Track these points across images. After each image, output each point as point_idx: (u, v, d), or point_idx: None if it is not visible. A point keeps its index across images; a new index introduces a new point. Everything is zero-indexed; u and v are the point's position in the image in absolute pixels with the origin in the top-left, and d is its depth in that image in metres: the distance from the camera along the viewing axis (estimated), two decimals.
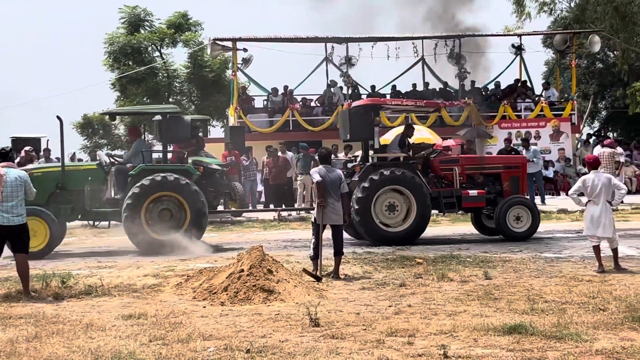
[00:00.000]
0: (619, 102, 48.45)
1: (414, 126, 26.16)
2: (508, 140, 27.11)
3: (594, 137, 35.76)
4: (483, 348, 7.51)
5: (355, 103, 19.03)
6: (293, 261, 13.66)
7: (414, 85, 33.04)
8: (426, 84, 33.22)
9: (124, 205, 15.88)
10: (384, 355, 7.28)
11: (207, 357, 7.39)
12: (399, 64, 33.00)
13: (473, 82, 32.93)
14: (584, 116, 43.19)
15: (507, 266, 12.90)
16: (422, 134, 26.31)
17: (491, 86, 33.46)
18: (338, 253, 12.30)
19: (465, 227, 19.90)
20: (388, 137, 26.82)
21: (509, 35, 35.14)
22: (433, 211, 17.59)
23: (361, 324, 8.66)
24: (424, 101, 21.03)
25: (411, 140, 18.45)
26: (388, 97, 32.48)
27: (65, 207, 16.35)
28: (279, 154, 25.35)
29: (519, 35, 33.76)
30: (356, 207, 16.53)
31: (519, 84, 32.93)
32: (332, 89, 32.30)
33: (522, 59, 33.17)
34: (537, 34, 37.64)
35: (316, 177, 12.25)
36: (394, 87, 33.06)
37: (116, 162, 16.94)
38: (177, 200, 16.07)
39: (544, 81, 36.14)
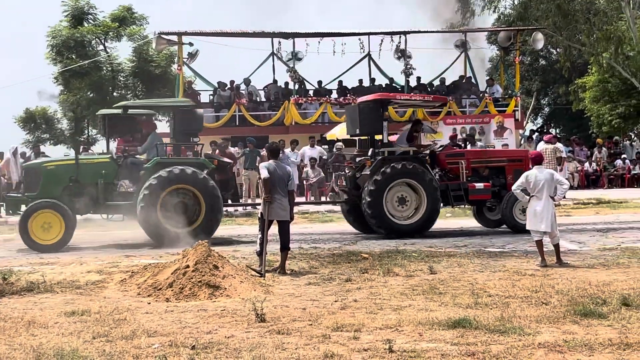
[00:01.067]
0: (561, 98, 49.25)
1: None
2: (453, 136, 27.32)
3: (537, 133, 36.25)
4: (428, 342, 7.57)
5: (365, 98, 19.20)
6: (239, 257, 13.61)
7: (360, 81, 33.12)
8: (372, 80, 33.33)
9: (140, 197, 15.92)
10: (330, 350, 7.29)
11: (152, 354, 7.32)
12: (345, 60, 33.07)
13: (419, 78, 33.14)
14: (528, 112, 43.79)
15: (452, 261, 13.02)
16: None
17: (436, 82, 33.68)
18: (284, 248, 12.29)
19: None
20: (334, 132, 26.96)
21: (454, 31, 35.42)
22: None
23: (307, 319, 8.66)
24: (432, 96, 21.35)
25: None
26: (334, 92, 32.57)
27: (78, 200, 16.33)
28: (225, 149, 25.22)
29: (464, 32, 34.06)
30: (368, 199, 16.91)
31: (464, 80, 33.23)
32: (248, 87, 32.11)
33: (466, 56, 33.46)
34: (482, 31, 38.00)
35: (264, 173, 12.20)
36: (340, 82, 33.11)
37: (129, 155, 16.97)
38: (193, 194, 16.21)
39: (488, 78, 36.49)
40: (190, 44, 30.72)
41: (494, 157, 18.73)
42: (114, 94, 36.64)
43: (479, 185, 17.69)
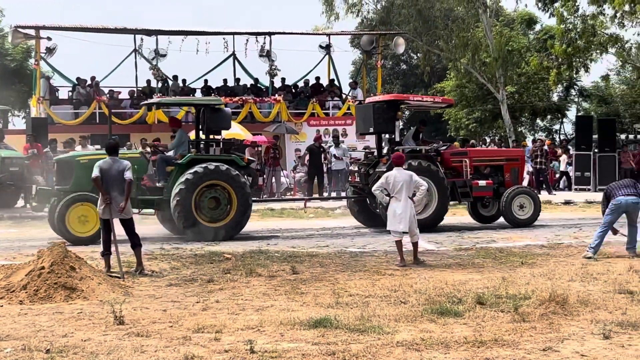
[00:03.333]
0: None
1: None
2: (317, 138, 27.61)
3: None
4: (289, 342, 7.59)
5: (379, 98, 20.11)
6: (97, 258, 13.25)
7: (225, 80, 32.97)
8: (237, 80, 33.25)
9: (175, 191, 16.34)
10: (190, 352, 7.20)
11: (4, 358, 7.04)
12: (210, 59, 32.85)
13: (283, 79, 33.28)
14: None
15: (314, 261, 13.12)
16: (233, 129, 26.35)
17: (300, 84, 33.91)
18: (135, 245, 11.97)
19: (275, 222, 20.08)
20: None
21: (318, 34, 35.75)
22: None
23: (167, 321, 8.53)
24: (441, 98, 22.33)
25: (223, 136, 18.51)
26: (198, 91, 32.27)
27: None
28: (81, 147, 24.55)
29: (328, 35, 34.42)
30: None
31: (327, 83, 33.58)
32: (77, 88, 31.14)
33: (330, 58, 33.83)
34: (345, 34, 38.51)
35: (95, 172, 11.79)
36: (205, 81, 32.84)
37: (159, 151, 17.35)
38: (225, 190, 16.70)
39: (351, 80, 37.02)
40: (49, 39, 29.76)
41: (494, 156, 19.93)
42: None
43: (482, 182, 18.71)
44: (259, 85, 33.26)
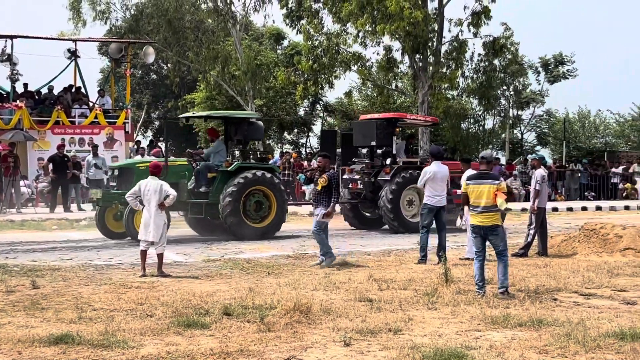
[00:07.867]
0: (171, 112, 50.29)
1: None
2: (61, 146, 26.65)
3: (146, 146, 36.54)
4: None
5: (379, 115, 23.05)
6: None
7: None
8: None
9: (225, 195, 18.27)
10: None
11: None
12: None
13: (26, 85, 31.82)
14: (138, 125, 44.07)
15: (57, 275, 12.62)
16: None
17: (44, 90, 32.55)
18: None
19: (15, 235, 19.16)
20: None
21: (64, 39, 34.56)
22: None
23: None
24: (430, 117, 25.66)
25: None
26: None
27: None
28: None
29: (74, 41, 33.33)
30: (390, 197, 20.32)
31: (74, 90, 32.49)
32: None
33: (77, 65, 32.77)
34: (92, 41, 37.45)
35: None
36: None
37: (201, 159, 19.15)
38: (266, 194, 18.93)
39: (99, 88, 36.08)
40: None
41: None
42: None
43: (459, 191, 19.86)
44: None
